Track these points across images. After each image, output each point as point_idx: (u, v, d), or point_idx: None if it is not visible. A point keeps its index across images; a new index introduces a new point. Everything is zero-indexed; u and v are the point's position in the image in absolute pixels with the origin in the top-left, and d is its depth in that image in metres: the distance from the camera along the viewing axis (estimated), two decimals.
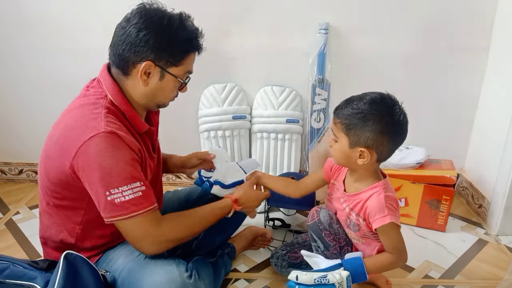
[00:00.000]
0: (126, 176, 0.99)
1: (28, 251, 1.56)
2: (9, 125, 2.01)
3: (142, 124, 1.12)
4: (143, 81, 1.06)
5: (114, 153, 0.99)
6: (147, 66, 1.04)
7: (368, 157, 1.09)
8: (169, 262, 1.11)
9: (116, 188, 0.98)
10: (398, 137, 1.11)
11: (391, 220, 1.09)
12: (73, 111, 1.07)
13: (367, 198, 1.14)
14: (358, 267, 1.12)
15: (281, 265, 1.37)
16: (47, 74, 1.88)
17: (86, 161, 0.98)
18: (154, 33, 1.02)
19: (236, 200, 1.25)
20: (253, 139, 1.88)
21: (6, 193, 2.00)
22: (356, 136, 1.08)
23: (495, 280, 1.41)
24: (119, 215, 0.99)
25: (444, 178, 1.63)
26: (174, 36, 1.04)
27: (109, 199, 0.98)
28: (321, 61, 1.75)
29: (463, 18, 1.74)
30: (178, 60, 1.07)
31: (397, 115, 1.07)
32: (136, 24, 1.02)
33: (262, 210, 1.80)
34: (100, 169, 0.97)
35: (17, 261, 1.05)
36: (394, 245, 1.14)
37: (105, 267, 1.13)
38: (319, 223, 1.21)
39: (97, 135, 0.98)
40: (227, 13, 1.77)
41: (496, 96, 1.75)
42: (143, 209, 1.01)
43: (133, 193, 0.99)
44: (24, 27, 1.82)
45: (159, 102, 1.14)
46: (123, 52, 1.04)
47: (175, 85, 1.12)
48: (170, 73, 1.08)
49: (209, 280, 1.20)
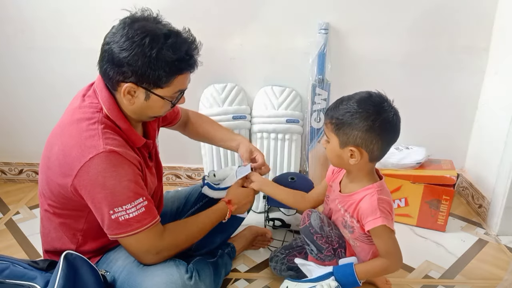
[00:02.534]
0: (129, 194, 0.99)
1: (28, 251, 1.56)
2: (9, 125, 2.01)
3: (139, 139, 1.10)
4: (127, 101, 1.03)
5: (116, 172, 0.98)
6: (129, 87, 1.00)
7: (358, 156, 1.09)
8: (169, 264, 1.10)
9: (120, 206, 0.98)
10: (387, 135, 1.10)
11: (383, 222, 1.08)
12: (70, 125, 1.03)
13: (360, 199, 1.14)
14: (349, 276, 1.12)
15: (280, 269, 1.36)
16: (47, 74, 1.88)
17: (88, 181, 0.98)
18: (134, 55, 0.96)
19: (229, 200, 1.26)
20: (253, 139, 1.88)
21: (6, 193, 2.00)
22: (345, 135, 1.08)
23: (495, 280, 1.41)
24: (123, 232, 1.01)
25: (444, 178, 1.63)
26: (156, 59, 0.97)
27: (113, 217, 0.99)
28: (321, 61, 1.75)
29: (463, 18, 1.74)
30: (163, 83, 1.01)
31: (386, 113, 1.07)
32: (118, 43, 0.97)
33: (262, 210, 1.80)
34: (103, 189, 0.97)
35: (17, 261, 1.05)
36: (387, 249, 1.13)
37: (105, 267, 1.13)
38: (310, 227, 1.21)
39: (97, 155, 0.97)
40: (227, 13, 1.77)
41: (496, 96, 1.74)
42: (146, 225, 1.02)
43: (136, 210, 1.00)
44: (24, 27, 1.82)
45: (151, 116, 1.11)
46: (106, 69, 1.00)
47: (165, 103, 1.06)
48: (156, 94, 1.03)
49: (210, 280, 1.20)
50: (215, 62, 1.85)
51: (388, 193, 1.16)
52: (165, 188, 1.38)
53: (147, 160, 1.17)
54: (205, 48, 1.81)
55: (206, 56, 1.82)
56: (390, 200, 1.14)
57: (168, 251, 1.09)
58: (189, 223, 1.17)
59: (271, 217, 1.72)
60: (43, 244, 1.20)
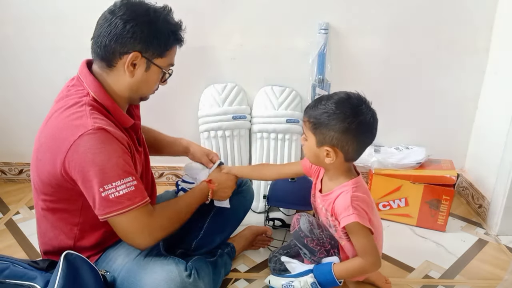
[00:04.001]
0: (118, 172, 0.99)
1: (28, 251, 1.56)
2: (9, 125, 2.01)
3: (127, 119, 1.12)
4: (129, 72, 1.06)
5: (105, 148, 0.99)
6: (134, 57, 1.04)
7: (334, 156, 1.10)
8: (168, 262, 1.11)
9: (110, 183, 0.98)
10: (363, 137, 1.11)
11: (355, 219, 1.08)
12: (58, 112, 1.05)
13: (336, 197, 1.15)
14: (326, 274, 1.14)
15: (279, 269, 1.37)
16: (47, 74, 1.88)
17: (77, 160, 0.98)
18: (141, 24, 1.03)
19: (210, 180, 1.29)
20: (253, 139, 1.88)
21: (6, 193, 2.00)
22: (322, 135, 1.10)
23: (495, 280, 1.41)
24: (114, 211, 0.99)
25: (444, 178, 1.63)
26: (160, 28, 1.05)
27: (103, 195, 0.98)
28: (321, 61, 1.75)
29: (463, 18, 1.74)
30: (163, 51, 1.08)
31: (363, 115, 1.08)
32: (122, 16, 1.02)
33: (262, 210, 1.80)
34: (93, 166, 0.97)
35: (17, 261, 1.05)
36: (362, 247, 1.13)
37: (105, 266, 1.13)
38: (299, 231, 1.22)
39: (86, 132, 0.98)
40: (227, 13, 1.77)
41: (496, 96, 1.75)
42: (137, 203, 1.01)
43: (126, 187, 1.00)
44: (24, 27, 1.82)
45: (142, 94, 1.15)
46: (109, 43, 1.03)
47: (158, 77, 1.13)
48: (156, 64, 1.09)
49: (209, 279, 1.20)
50: (215, 62, 1.85)
51: (365, 190, 1.16)
52: (165, 188, 1.38)
53: (137, 145, 1.18)
54: (205, 48, 1.83)
55: (206, 56, 1.84)
56: (367, 198, 1.15)
57: (160, 231, 1.08)
58: (175, 203, 1.18)
59: (271, 217, 1.72)
60: (41, 245, 1.20)
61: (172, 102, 1.91)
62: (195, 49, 1.82)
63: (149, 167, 1.30)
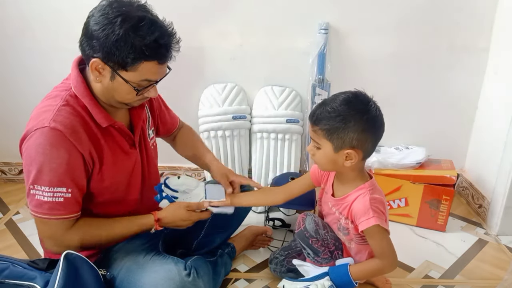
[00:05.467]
0: (52, 179, 1.00)
1: (28, 251, 1.56)
2: (9, 125, 2.00)
3: (104, 118, 1.06)
4: (94, 77, 1.02)
5: (50, 151, 0.99)
6: (96, 62, 0.99)
7: (355, 157, 1.08)
8: (167, 261, 1.12)
9: (39, 185, 1.00)
10: (379, 131, 1.10)
11: (376, 222, 1.08)
12: (40, 102, 1.08)
13: (353, 200, 1.13)
14: (343, 276, 1.13)
15: (280, 271, 1.36)
16: (47, 74, 1.87)
17: (25, 150, 1.02)
18: (105, 30, 0.96)
19: (158, 219, 1.16)
20: (253, 139, 1.88)
21: (6, 193, 2.00)
22: (339, 139, 1.06)
23: (495, 280, 1.41)
24: (34, 211, 1.03)
25: (444, 178, 1.63)
26: (124, 39, 0.95)
27: (31, 192, 1.01)
28: (321, 61, 1.75)
29: (463, 18, 1.74)
30: (128, 65, 0.99)
31: (374, 111, 1.07)
32: (95, 17, 0.98)
33: (262, 210, 1.80)
34: (32, 163, 1.00)
35: (17, 261, 1.05)
36: (381, 249, 1.13)
37: (104, 266, 1.13)
38: (305, 231, 1.21)
39: (40, 129, 0.99)
40: (227, 13, 1.77)
41: (496, 96, 1.74)
42: (56, 216, 1.02)
43: (53, 196, 1.01)
44: (24, 27, 1.82)
45: (118, 101, 1.07)
46: (81, 42, 1.02)
47: (130, 89, 1.03)
48: (121, 76, 1.01)
49: (208, 278, 1.20)
50: (215, 62, 1.85)
51: (380, 192, 1.15)
52: None
53: (126, 145, 1.15)
54: (205, 48, 1.83)
55: (206, 56, 1.84)
56: (383, 198, 1.14)
57: (68, 247, 1.04)
58: (102, 228, 1.11)
59: (271, 217, 1.72)
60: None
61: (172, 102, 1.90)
62: (195, 49, 1.82)
63: (152, 168, 1.28)
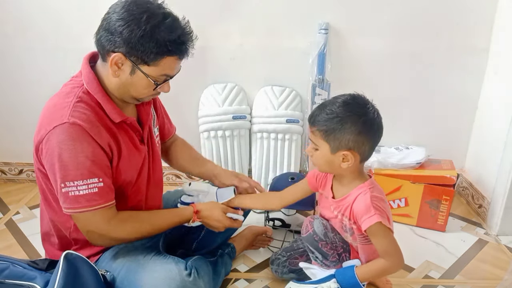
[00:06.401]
0: (82, 171, 1.00)
1: (28, 251, 1.56)
2: (9, 125, 2.01)
3: (117, 113, 1.08)
4: (113, 72, 1.03)
5: (74, 146, 0.99)
6: (117, 57, 1.01)
7: (352, 159, 1.08)
8: (168, 261, 1.12)
9: (71, 181, 0.99)
10: (376, 134, 1.10)
11: (378, 219, 1.07)
12: (49, 100, 1.08)
13: (354, 200, 1.13)
14: (350, 278, 1.12)
15: (282, 272, 1.36)
16: (47, 74, 1.88)
17: (47, 150, 1.00)
18: (130, 26, 0.98)
19: (197, 211, 1.20)
20: (253, 139, 1.88)
21: (6, 193, 2.00)
22: (336, 140, 1.07)
23: (495, 280, 1.41)
24: (71, 208, 1.01)
25: (444, 178, 1.63)
26: (149, 35, 0.98)
27: (63, 191, 1.00)
28: (321, 61, 1.75)
29: (463, 18, 1.74)
30: (150, 60, 1.02)
31: (371, 113, 1.08)
32: (118, 13, 1.00)
33: (262, 211, 1.80)
34: (58, 161, 0.99)
35: (17, 261, 1.05)
36: (385, 248, 1.11)
37: (105, 266, 1.13)
38: (314, 235, 1.20)
39: (60, 125, 0.99)
40: (227, 13, 1.77)
41: (496, 96, 1.74)
42: (96, 206, 1.02)
43: (88, 188, 1.00)
44: (24, 27, 1.82)
45: (133, 96, 1.09)
46: (100, 38, 1.03)
47: (149, 84, 1.06)
48: (142, 70, 1.03)
49: (208, 278, 1.20)
50: (215, 62, 1.85)
51: (380, 191, 1.15)
52: (165, 188, 1.38)
53: (137, 142, 1.15)
54: (205, 48, 1.83)
55: (206, 56, 1.84)
56: (383, 197, 1.14)
57: (113, 239, 1.09)
58: (145, 221, 1.14)
59: (271, 217, 1.72)
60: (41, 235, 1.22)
61: (172, 102, 1.90)
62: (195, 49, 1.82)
63: (157, 166, 1.28)
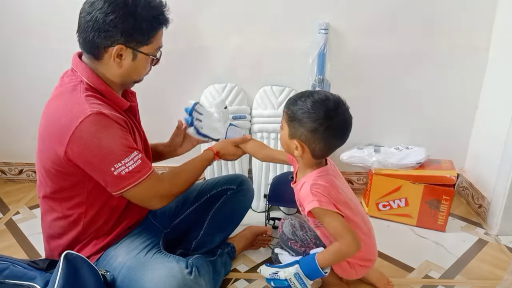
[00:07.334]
0: (125, 150, 1.04)
1: (28, 251, 1.56)
2: (9, 125, 2.01)
3: (123, 101, 1.14)
4: (116, 64, 1.08)
5: (108, 131, 1.02)
6: (118, 49, 1.05)
7: (300, 151, 1.14)
8: (169, 259, 1.12)
9: (119, 162, 1.03)
10: (331, 140, 1.13)
11: (316, 205, 1.11)
12: (53, 101, 1.09)
13: (301, 187, 1.18)
14: (310, 263, 1.15)
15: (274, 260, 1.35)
16: (47, 74, 1.87)
17: (82, 146, 1.01)
18: (121, 16, 1.02)
19: (217, 152, 1.32)
20: None
21: (6, 193, 2.00)
22: (294, 128, 1.13)
23: (495, 280, 1.41)
24: (128, 185, 1.05)
25: (444, 178, 1.63)
26: (141, 16, 1.04)
27: (116, 173, 1.03)
28: (321, 61, 1.75)
29: (463, 18, 1.74)
30: (148, 39, 1.08)
31: (334, 120, 1.10)
32: (101, 9, 1.02)
33: (263, 210, 1.80)
34: (101, 150, 1.01)
35: (17, 261, 1.05)
36: (334, 230, 1.13)
37: (105, 265, 1.14)
38: (283, 235, 1.28)
39: (86, 118, 1.00)
40: (227, 13, 1.77)
41: (496, 96, 1.75)
42: (147, 173, 1.07)
43: (134, 162, 1.05)
44: (24, 27, 1.82)
45: (135, 79, 1.17)
46: (93, 38, 1.04)
47: (148, 62, 1.14)
48: (142, 52, 1.09)
49: (209, 277, 1.20)
50: (215, 62, 1.85)
51: (328, 179, 1.17)
52: None
53: (137, 125, 1.21)
54: (205, 48, 1.83)
55: (206, 56, 1.84)
56: (328, 186, 1.15)
57: (170, 194, 1.16)
58: (181, 168, 1.24)
59: (271, 216, 1.72)
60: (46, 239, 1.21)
61: (172, 102, 1.91)
62: (195, 49, 1.82)
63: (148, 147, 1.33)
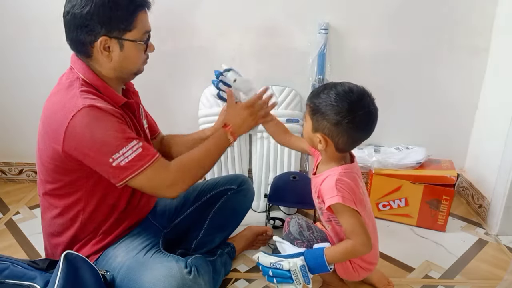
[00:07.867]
0: (120, 140, 1.02)
1: (28, 251, 1.56)
2: (9, 125, 2.01)
3: (119, 97, 1.12)
4: (106, 58, 1.06)
5: (101, 123, 1.01)
6: (103, 41, 1.04)
7: (324, 144, 1.12)
8: (168, 259, 1.12)
9: (117, 152, 1.01)
10: (355, 133, 1.11)
11: (338, 201, 1.09)
12: (51, 98, 1.09)
13: (324, 179, 1.16)
14: (317, 257, 1.13)
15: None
16: (48, 74, 1.87)
17: (77, 140, 1.00)
18: (95, 5, 1.00)
19: (224, 124, 1.24)
20: (253, 139, 1.88)
21: (6, 193, 2.00)
22: (317, 122, 1.11)
23: (495, 280, 1.41)
24: (130, 174, 1.02)
25: (444, 178, 1.63)
26: (116, 3, 1.02)
27: (115, 164, 1.01)
28: (321, 61, 1.75)
29: (463, 18, 1.74)
30: (129, 24, 1.05)
31: (359, 112, 1.07)
32: (76, 4, 1.01)
33: (263, 210, 1.80)
34: (94, 143, 1.00)
35: (17, 261, 1.05)
36: (350, 228, 1.12)
37: (105, 265, 1.13)
38: (289, 234, 1.25)
39: (78, 112, 0.99)
40: (227, 13, 1.77)
41: (496, 96, 1.75)
42: (150, 161, 1.04)
43: (133, 151, 1.02)
44: (24, 27, 1.82)
45: (131, 70, 1.13)
46: (77, 36, 1.04)
47: (138, 49, 1.10)
48: (128, 39, 1.06)
49: (209, 277, 1.20)
50: (215, 62, 1.85)
51: (353, 178, 1.15)
52: None
53: (135, 122, 1.18)
54: (205, 48, 1.83)
55: (206, 56, 1.84)
56: (354, 185, 1.14)
57: (181, 181, 1.10)
58: (193, 150, 1.17)
59: (272, 216, 1.72)
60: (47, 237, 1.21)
61: (172, 102, 1.91)
62: (195, 49, 1.83)
63: None
